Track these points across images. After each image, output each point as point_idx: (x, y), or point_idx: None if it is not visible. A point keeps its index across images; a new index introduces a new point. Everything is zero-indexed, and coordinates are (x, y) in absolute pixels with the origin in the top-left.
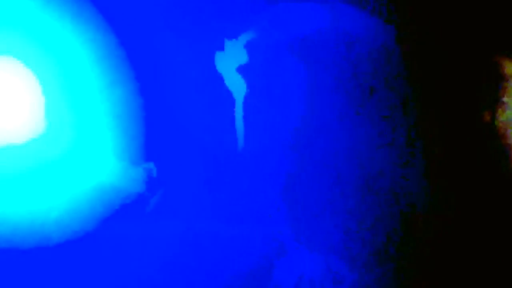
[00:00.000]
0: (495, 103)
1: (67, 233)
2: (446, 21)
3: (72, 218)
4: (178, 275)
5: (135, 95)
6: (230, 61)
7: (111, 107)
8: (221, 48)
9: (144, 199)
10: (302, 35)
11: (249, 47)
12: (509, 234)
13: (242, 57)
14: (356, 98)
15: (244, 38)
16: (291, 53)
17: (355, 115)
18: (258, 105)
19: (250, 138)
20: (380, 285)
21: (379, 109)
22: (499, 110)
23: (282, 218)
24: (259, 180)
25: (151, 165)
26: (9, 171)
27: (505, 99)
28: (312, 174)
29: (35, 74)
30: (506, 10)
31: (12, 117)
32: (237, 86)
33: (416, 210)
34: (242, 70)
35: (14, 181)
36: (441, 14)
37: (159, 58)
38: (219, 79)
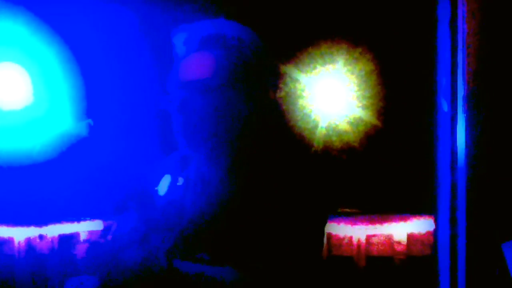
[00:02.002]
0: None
1: (44, 158)
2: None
3: (47, 149)
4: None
5: (86, 84)
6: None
7: (70, 89)
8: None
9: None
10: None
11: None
12: None
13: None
14: None
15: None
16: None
17: None
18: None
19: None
20: None
21: None
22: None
23: None
24: None
25: (90, 121)
26: (11, 123)
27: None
28: None
29: (24, 69)
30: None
31: (12, 93)
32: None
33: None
34: None
35: (14, 128)
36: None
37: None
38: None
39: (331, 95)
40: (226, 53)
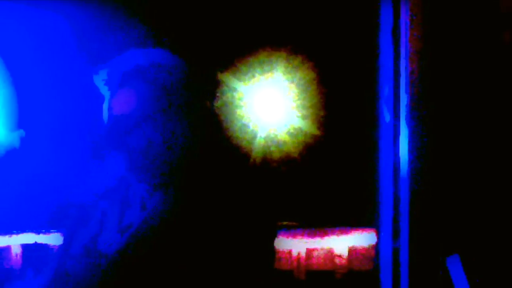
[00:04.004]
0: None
1: None
2: None
3: None
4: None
5: (18, 94)
6: None
7: (1, 99)
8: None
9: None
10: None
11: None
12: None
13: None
14: None
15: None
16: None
17: None
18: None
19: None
20: None
21: None
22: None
23: None
24: None
25: (22, 131)
26: None
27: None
28: None
29: None
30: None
31: None
32: None
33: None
34: None
35: None
36: None
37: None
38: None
39: (270, 105)
40: (145, 84)
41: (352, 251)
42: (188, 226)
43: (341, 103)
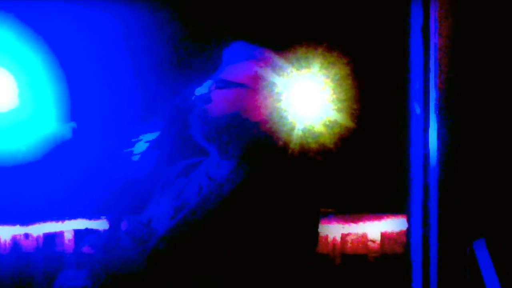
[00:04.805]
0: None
1: (30, 159)
2: None
3: (32, 150)
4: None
5: (70, 88)
6: None
7: (55, 93)
8: None
9: (68, 140)
10: None
11: None
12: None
13: None
14: None
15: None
16: None
17: None
18: None
19: None
20: None
21: None
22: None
23: None
24: None
25: (74, 123)
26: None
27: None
28: None
29: (10, 73)
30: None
31: (3, 98)
32: None
33: None
34: None
35: (3, 131)
36: None
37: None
38: None
39: (307, 99)
40: (259, 66)
41: (384, 236)
42: (249, 201)
43: (374, 96)
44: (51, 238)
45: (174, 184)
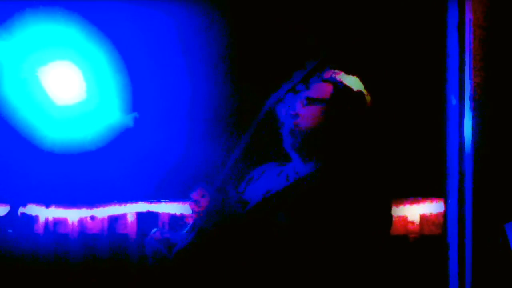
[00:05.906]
0: None
1: (95, 146)
2: None
3: (98, 138)
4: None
5: (133, 81)
6: None
7: (118, 86)
8: None
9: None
10: None
11: None
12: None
13: None
14: None
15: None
16: None
17: None
18: None
19: None
20: None
21: None
22: None
23: None
24: None
25: (136, 114)
26: (67, 116)
27: None
28: None
29: (77, 68)
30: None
31: (67, 90)
32: None
33: None
34: None
35: (69, 121)
36: None
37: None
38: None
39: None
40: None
41: (423, 218)
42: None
43: (414, 88)
44: (115, 220)
45: (260, 179)
